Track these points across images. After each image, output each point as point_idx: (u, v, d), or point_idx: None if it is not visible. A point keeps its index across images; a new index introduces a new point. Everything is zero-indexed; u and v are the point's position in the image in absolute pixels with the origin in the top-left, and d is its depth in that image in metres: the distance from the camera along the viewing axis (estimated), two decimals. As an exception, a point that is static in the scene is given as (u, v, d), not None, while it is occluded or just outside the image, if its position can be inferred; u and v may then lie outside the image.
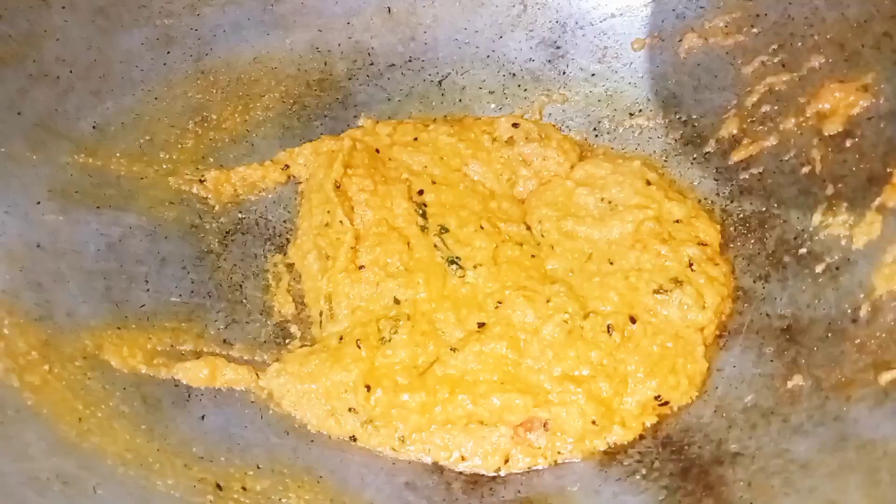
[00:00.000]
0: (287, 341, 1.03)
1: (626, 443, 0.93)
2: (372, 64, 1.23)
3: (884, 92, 0.96)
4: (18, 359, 0.84)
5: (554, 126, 1.21)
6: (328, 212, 1.08)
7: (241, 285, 1.05)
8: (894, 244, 0.90)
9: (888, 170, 0.93)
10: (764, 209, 1.06)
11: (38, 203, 0.95)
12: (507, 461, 0.93)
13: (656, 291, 1.00)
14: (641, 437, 0.93)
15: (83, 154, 1.02)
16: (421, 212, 1.10)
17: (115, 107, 1.06)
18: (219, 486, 0.85)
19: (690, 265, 1.02)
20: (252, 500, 0.85)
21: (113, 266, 0.97)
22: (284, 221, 1.13)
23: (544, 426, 0.93)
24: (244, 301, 1.04)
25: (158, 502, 0.81)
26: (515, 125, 1.18)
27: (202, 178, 1.10)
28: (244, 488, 0.86)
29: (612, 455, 0.92)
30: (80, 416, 0.84)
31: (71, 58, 1.04)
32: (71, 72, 1.03)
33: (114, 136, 1.05)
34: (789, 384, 0.91)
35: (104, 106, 1.05)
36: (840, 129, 0.99)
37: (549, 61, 1.23)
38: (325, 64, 1.21)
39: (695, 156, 1.15)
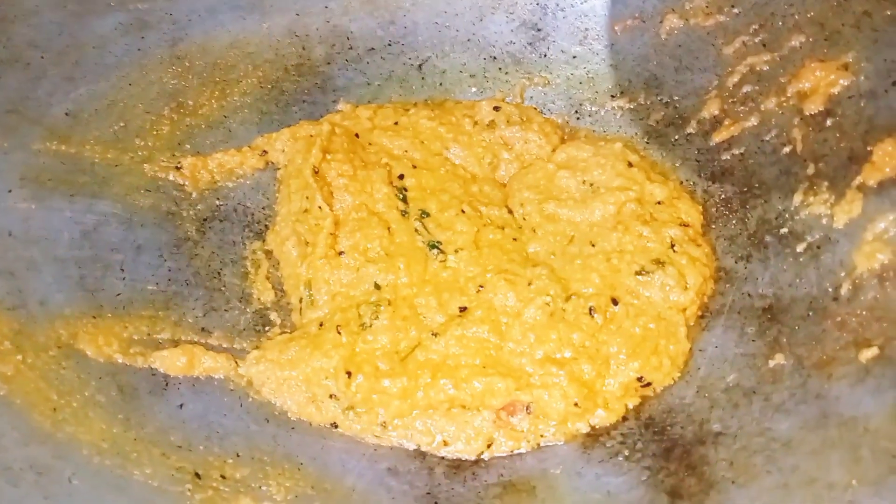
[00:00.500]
0: (266, 328, 1.02)
1: (608, 425, 0.93)
2: (351, 48, 1.21)
3: (864, 70, 0.95)
4: (-10, 348, 0.83)
5: (535, 109, 1.21)
6: (307, 197, 1.07)
7: (219, 273, 1.04)
8: (875, 222, 0.89)
9: (868, 148, 0.93)
10: (745, 189, 1.06)
11: (10, 191, 0.94)
12: (489, 445, 0.92)
13: (638, 273, 1.00)
14: (624, 418, 0.94)
15: (56, 141, 1.00)
16: (401, 196, 1.09)
17: (88, 93, 1.05)
18: (197, 475, 0.84)
19: (672, 246, 1.02)
20: (231, 489, 0.84)
21: (87, 254, 0.96)
22: (263, 208, 1.11)
23: (527, 409, 0.92)
24: (222, 288, 1.03)
25: (136, 492, 0.80)
26: (496, 108, 1.17)
27: (178, 165, 1.08)
28: (223, 476, 0.85)
29: (594, 437, 0.92)
30: (55, 406, 0.83)
31: (43, 42, 1.02)
32: (43, 57, 1.02)
33: (87, 122, 1.03)
34: (771, 363, 0.91)
35: (77, 92, 1.04)
36: (821, 109, 0.99)
37: (530, 44, 1.23)
38: (303, 48, 1.19)
39: (676, 137, 1.14)
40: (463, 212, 1.07)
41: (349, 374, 0.94)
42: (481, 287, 1.00)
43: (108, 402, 0.86)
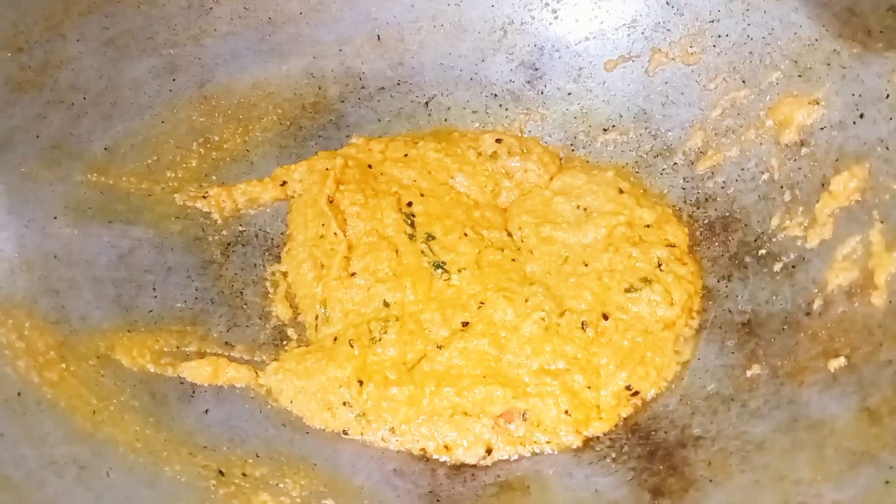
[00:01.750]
0: (284, 343, 1.09)
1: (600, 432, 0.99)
2: (363, 87, 1.29)
3: (834, 104, 1.01)
4: (38, 357, 0.91)
5: (535, 140, 1.27)
6: (323, 224, 1.14)
7: (241, 292, 1.11)
8: (845, 243, 0.95)
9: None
10: (727, 214, 1.12)
11: (55, 218, 1.01)
12: (489, 451, 0.98)
13: (627, 290, 1.06)
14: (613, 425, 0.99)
15: (95, 173, 1.08)
16: (409, 221, 1.15)
17: (124, 130, 1.12)
18: (221, 472, 0.90)
19: (659, 265, 1.08)
20: (252, 485, 0.90)
21: (123, 275, 1.04)
22: (282, 233, 1.18)
23: (523, 416, 0.99)
24: (244, 306, 1.10)
25: (165, 486, 0.86)
26: (499, 141, 1.24)
27: (205, 195, 1.16)
28: (244, 474, 0.91)
29: (585, 442, 0.98)
30: (95, 409, 0.90)
31: (84, 85, 1.10)
32: (84, 98, 1.10)
33: (123, 156, 1.11)
34: (748, 373, 0.96)
35: (115, 129, 1.12)
36: (796, 139, 1.05)
37: (529, 82, 1.29)
38: (319, 88, 1.28)
39: (664, 166, 1.21)
40: (466, 235, 1.14)
41: (361, 382, 1.01)
42: (482, 304, 1.07)
43: (142, 406, 0.93)
